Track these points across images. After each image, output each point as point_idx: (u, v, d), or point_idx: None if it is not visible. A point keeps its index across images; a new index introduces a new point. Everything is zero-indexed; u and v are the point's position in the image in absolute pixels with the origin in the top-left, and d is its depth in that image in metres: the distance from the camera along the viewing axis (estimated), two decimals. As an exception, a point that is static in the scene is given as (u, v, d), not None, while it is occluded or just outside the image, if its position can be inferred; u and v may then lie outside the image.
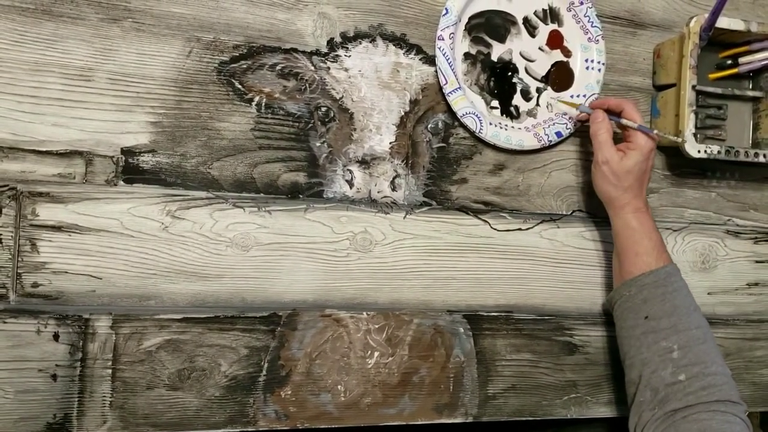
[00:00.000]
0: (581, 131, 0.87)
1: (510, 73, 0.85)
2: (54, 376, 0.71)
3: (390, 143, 0.80)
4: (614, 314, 0.80)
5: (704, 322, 0.75)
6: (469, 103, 0.81)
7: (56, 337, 0.71)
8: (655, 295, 0.75)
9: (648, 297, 0.75)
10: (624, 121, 0.78)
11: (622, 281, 0.78)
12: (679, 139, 0.81)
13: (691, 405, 0.68)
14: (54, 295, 0.71)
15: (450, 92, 0.80)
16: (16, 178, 0.69)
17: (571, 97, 0.86)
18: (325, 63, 0.79)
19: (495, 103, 0.84)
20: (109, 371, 0.72)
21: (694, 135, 0.82)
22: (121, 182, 0.72)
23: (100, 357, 0.72)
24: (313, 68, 0.78)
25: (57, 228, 0.71)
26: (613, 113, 0.80)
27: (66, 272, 0.71)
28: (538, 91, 0.86)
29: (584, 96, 0.85)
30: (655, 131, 0.78)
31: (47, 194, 0.70)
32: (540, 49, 0.86)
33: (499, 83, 0.84)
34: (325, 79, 0.79)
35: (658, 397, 0.71)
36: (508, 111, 0.85)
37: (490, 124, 0.82)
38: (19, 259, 0.70)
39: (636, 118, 0.78)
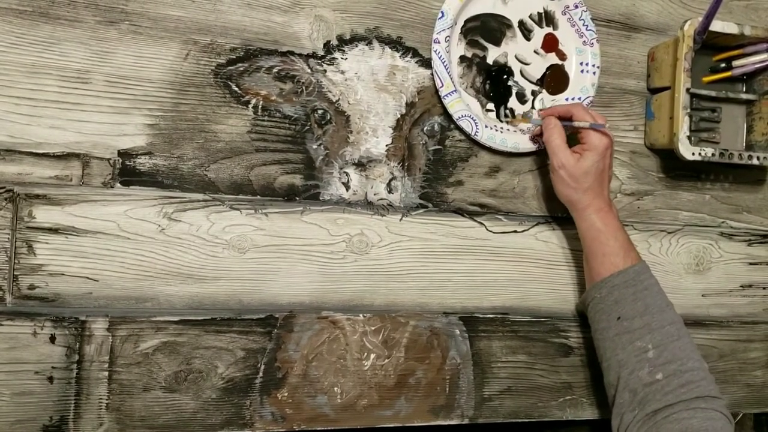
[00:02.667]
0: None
1: (505, 76, 0.85)
2: (50, 379, 0.71)
3: (386, 146, 0.81)
4: (588, 316, 0.80)
5: (678, 317, 0.75)
6: (464, 105, 0.82)
7: (53, 339, 0.71)
8: (626, 295, 0.74)
9: (619, 298, 0.75)
10: (576, 123, 0.78)
11: (592, 283, 0.78)
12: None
13: (671, 404, 0.68)
14: (50, 298, 0.71)
15: (446, 95, 0.81)
16: (12, 180, 0.69)
17: (566, 99, 0.86)
18: (322, 66, 0.79)
19: (490, 105, 0.85)
20: (106, 373, 0.72)
21: (689, 137, 0.82)
22: (118, 184, 0.73)
23: (97, 359, 0.72)
24: (309, 71, 0.79)
25: (54, 230, 0.71)
26: (565, 119, 0.80)
27: (63, 274, 0.71)
28: (534, 94, 0.86)
29: (532, 113, 0.86)
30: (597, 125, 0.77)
31: (44, 196, 0.70)
32: (535, 52, 0.86)
33: (495, 86, 0.85)
34: (321, 81, 0.79)
35: (637, 398, 0.71)
36: (504, 114, 0.85)
37: (486, 126, 0.83)
38: (16, 261, 0.70)
39: (586, 118, 0.78)
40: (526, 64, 0.86)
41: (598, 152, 0.76)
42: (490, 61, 0.85)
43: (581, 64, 0.87)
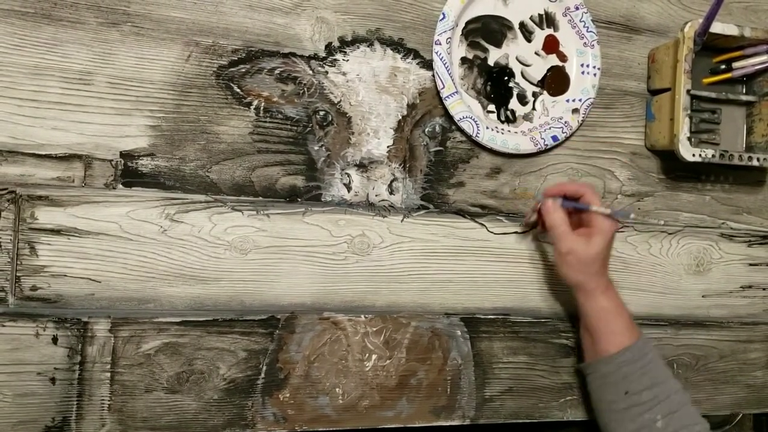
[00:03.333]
0: (577, 136, 0.87)
1: (506, 78, 0.85)
2: (53, 380, 0.71)
3: (387, 147, 0.81)
4: (590, 386, 0.81)
5: (678, 384, 0.76)
6: (466, 107, 0.82)
7: (55, 340, 0.71)
8: (634, 370, 0.76)
9: (627, 373, 0.76)
10: (594, 208, 0.76)
11: (597, 358, 0.79)
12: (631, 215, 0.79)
13: None
14: (53, 299, 0.71)
15: (447, 96, 0.81)
16: (15, 182, 0.70)
17: (567, 101, 0.86)
18: (323, 67, 0.79)
19: (491, 107, 0.85)
20: (108, 374, 0.72)
21: (689, 139, 0.83)
22: (120, 186, 0.73)
23: (99, 360, 0.72)
24: (311, 72, 0.79)
25: (56, 231, 0.71)
26: (571, 198, 0.79)
27: (65, 275, 0.71)
28: (534, 95, 0.86)
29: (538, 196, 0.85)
30: (603, 210, 0.76)
31: (46, 198, 0.70)
32: (536, 53, 0.86)
33: (496, 87, 0.85)
34: (323, 83, 0.79)
35: None
36: (505, 115, 0.85)
37: (487, 128, 0.83)
38: (18, 262, 0.70)
39: (596, 202, 0.77)
40: (527, 65, 0.86)
41: (606, 237, 0.76)
42: (491, 62, 0.85)
43: (582, 65, 0.87)
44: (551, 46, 0.87)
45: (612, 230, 0.76)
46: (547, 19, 0.87)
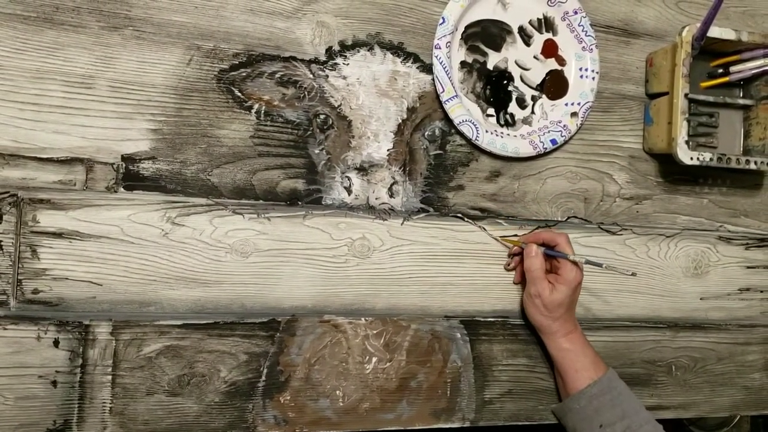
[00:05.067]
0: (576, 139, 0.88)
1: (506, 82, 0.86)
2: (54, 383, 0.71)
3: (388, 150, 0.81)
4: (567, 426, 0.83)
5: (649, 415, 0.79)
6: (465, 110, 0.82)
7: (56, 343, 0.71)
8: (604, 402, 0.79)
9: (598, 406, 0.79)
10: (570, 257, 0.80)
11: (569, 396, 0.81)
12: (629, 272, 0.80)
13: None
14: (54, 302, 0.71)
15: (447, 100, 0.81)
16: (17, 185, 0.70)
17: (566, 104, 0.87)
18: (324, 71, 0.80)
19: (491, 110, 0.85)
20: (109, 377, 0.72)
21: (687, 142, 0.83)
22: (122, 189, 0.73)
23: (100, 363, 0.72)
24: (311, 76, 0.79)
25: (57, 235, 0.71)
26: (548, 246, 0.82)
27: (66, 279, 0.71)
28: (534, 99, 0.87)
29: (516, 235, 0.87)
30: (578, 259, 0.80)
31: (48, 201, 0.71)
32: (535, 57, 0.87)
33: (495, 91, 0.85)
34: (323, 86, 0.79)
35: None
36: (504, 119, 0.86)
37: (486, 131, 0.83)
38: (20, 265, 0.70)
39: (569, 250, 0.81)
40: (526, 69, 0.87)
41: (571, 287, 0.80)
42: (490, 66, 0.85)
43: (580, 69, 0.88)
44: (550, 50, 0.87)
45: (577, 281, 0.80)
46: (546, 24, 0.87)
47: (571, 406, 0.81)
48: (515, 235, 0.86)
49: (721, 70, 0.90)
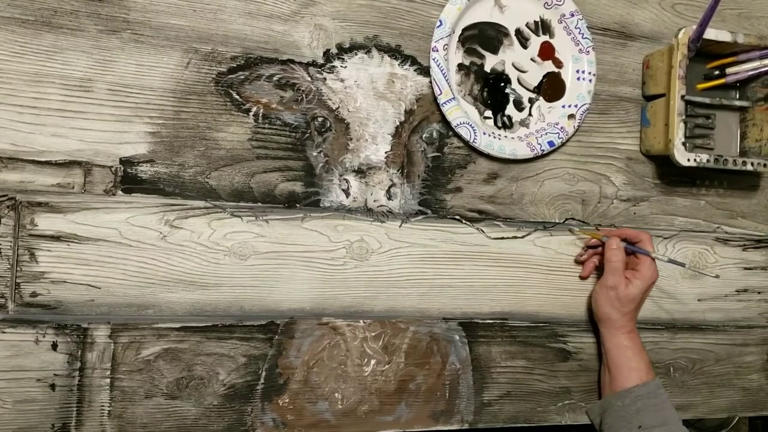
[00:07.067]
0: (573, 141, 0.88)
1: (503, 84, 0.86)
2: (52, 386, 0.71)
3: (386, 153, 0.81)
4: (603, 421, 0.83)
5: (687, 431, 0.79)
6: (463, 113, 0.83)
7: (55, 346, 0.71)
8: (648, 405, 0.79)
9: (642, 407, 0.79)
10: (654, 254, 0.82)
11: (613, 392, 0.82)
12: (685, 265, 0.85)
13: None
14: (53, 305, 0.71)
15: (444, 102, 0.82)
16: (15, 188, 0.70)
17: (563, 106, 0.87)
18: (322, 74, 0.80)
19: (488, 113, 0.86)
20: (108, 380, 0.72)
21: (684, 144, 0.83)
22: (120, 192, 0.73)
23: (99, 366, 0.72)
24: (309, 79, 0.79)
25: (56, 238, 0.71)
26: (628, 242, 0.84)
27: (65, 282, 0.71)
28: (531, 101, 0.87)
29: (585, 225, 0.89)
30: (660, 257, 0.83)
31: (46, 204, 0.71)
32: (532, 60, 0.87)
33: (493, 93, 0.86)
34: (321, 89, 0.80)
35: None
36: (502, 121, 0.86)
37: (484, 133, 0.83)
38: (18, 268, 0.70)
39: (650, 249, 0.83)
40: (523, 71, 0.87)
41: (647, 283, 0.82)
42: (487, 68, 0.86)
43: (577, 71, 0.88)
44: (547, 52, 0.88)
45: (653, 279, 0.82)
46: (542, 26, 0.87)
47: (613, 402, 0.81)
48: (597, 228, 0.87)
49: (717, 72, 0.90)
